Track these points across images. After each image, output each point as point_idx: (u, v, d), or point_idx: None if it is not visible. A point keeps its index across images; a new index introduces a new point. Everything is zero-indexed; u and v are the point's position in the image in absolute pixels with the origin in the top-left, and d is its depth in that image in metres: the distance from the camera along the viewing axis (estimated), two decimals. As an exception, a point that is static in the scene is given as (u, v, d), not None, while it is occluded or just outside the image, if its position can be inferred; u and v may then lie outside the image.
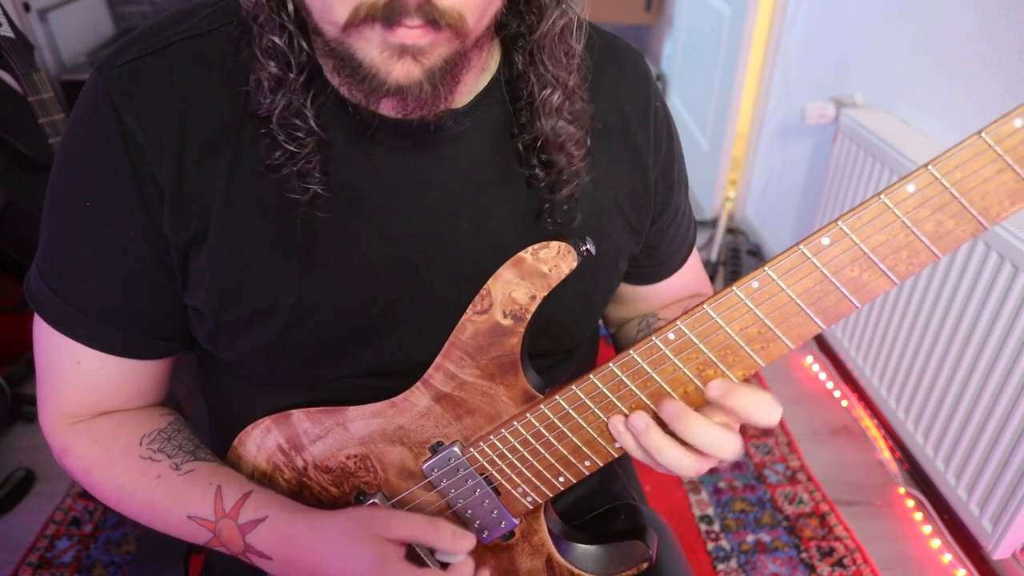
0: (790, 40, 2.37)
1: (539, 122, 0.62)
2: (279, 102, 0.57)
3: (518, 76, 0.63)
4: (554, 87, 0.61)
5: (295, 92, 0.57)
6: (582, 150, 0.64)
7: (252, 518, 0.66)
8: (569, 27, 0.60)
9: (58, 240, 0.64)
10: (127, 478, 0.68)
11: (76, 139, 0.61)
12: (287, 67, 0.56)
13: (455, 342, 0.62)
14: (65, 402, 0.69)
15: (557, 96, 0.62)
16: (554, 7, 0.59)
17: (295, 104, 0.57)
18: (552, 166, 0.64)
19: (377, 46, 0.50)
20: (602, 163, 0.69)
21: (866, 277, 0.49)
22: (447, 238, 0.65)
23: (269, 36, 0.55)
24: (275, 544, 0.65)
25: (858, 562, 1.59)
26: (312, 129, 0.58)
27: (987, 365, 1.42)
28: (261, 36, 0.56)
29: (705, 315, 0.53)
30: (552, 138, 0.62)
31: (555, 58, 0.61)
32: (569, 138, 0.63)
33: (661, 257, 0.81)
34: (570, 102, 0.63)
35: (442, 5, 0.48)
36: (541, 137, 0.63)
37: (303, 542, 0.64)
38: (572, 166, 0.64)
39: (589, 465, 0.64)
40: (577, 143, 0.64)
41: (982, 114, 1.52)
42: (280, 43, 0.55)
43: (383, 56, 0.50)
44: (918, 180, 0.45)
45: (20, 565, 1.58)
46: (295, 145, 0.58)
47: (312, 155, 0.58)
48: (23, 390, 2.00)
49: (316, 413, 0.68)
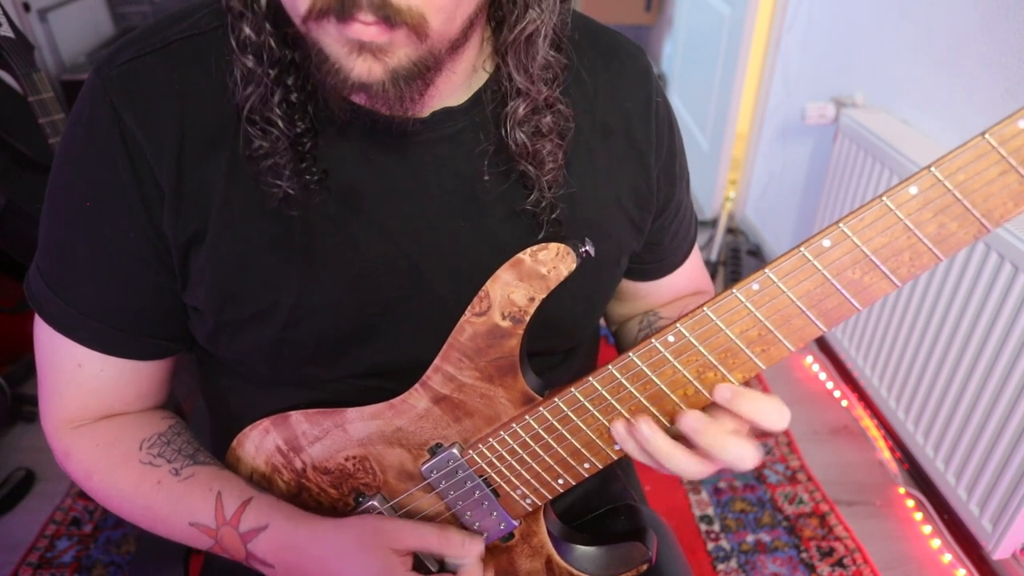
0: (790, 40, 2.37)
1: (504, 129, 0.61)
2: (252, 96, 0.56)
3: (500, 79, 0.62)
4: (520, 97, 0.60)
5: (266, 86, 0.56)
6: (554, 163, 0.63)
7: (253, 526, 0.65)
8: (537, 35, 0.57)
9: (58, 240, 0.64)
10: (128, 483, 0.68)
11: (75, 139, 0.61)
12: (259, 60, 0.55)
13: (454, 344, 0.62)
14: (67, 405, 0.68)
15: (522, 108, 0.60)
16: (522, 11, 0.57)
17: (267, 98, 0.56)
18: (529, 171, 0.63)
19: (336, 40, 0.49)
20: (603, 161, 0.68)
21: (868, 279, 0.49)
22: (445, 236, 0.65)
23: (243, 28, 0.55)
24: (277, 553, 0.65)
25: (858, 562, 1.59)
26: (281, 128, 0.57)
27: (987, 365, 1.42)
28: (239, 29, 0.55)
29: (705, 317, 0.53)
30: (516, 149, 0.61)
31: (521, 67, 0.59)
32: (536, 153, 0.62)
33: (663, 253, 0.81)
34: (538, 115, 0.61)
35: (398, 3, 0.47)
36: (511, 144, 0.62)
37: (308, 551, 0.64)
38: (540, 178, 0.63)
39: (588, 467, 0.63)
40: (550, 157, 0.62)
41: (982, 114, 1.52)
42: (251, 34, 0.55)
43: (343, 51, 0.49)
44: (920, 182, 0.45)
45: (20, 565, 1.58)
46: (266, 140, 0.57)
47: (284, 152, 0.58)
48: (23, 390, 2.00)
49: (315, 415, 0.68)
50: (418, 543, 0.64)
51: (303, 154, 0.59)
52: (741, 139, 2.83)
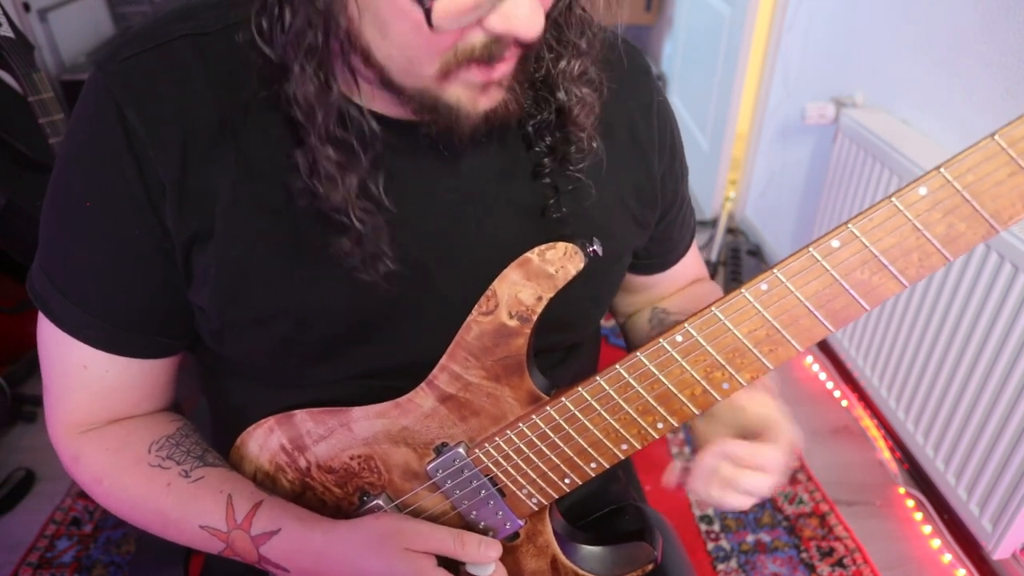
0: (790, 40, 2.37)
1: (559, 93, 0.62)
2: (339, 191, 0.55)
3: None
4: (574, 55, 0.61)
5: (360, 177, 0.56)
6: (592, 118, 0.64)
7: (265, 530, 0.65)
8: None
9: (61, 238, 0.63)
10: (137, 487, 0.67)
11: (78, 135, 0.61)
12: (351, 152, 0.55)
13: (460, 343, 0.62)
14: (74, 410, 0.68)
15: (578, 65, 0.61)
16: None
17: (356, 189, 0.56)
18: (564, 144, 0.64)
19: (466, 87, 0.51)
20: (607, 160, 0.69)
21: (876, 280, 0.49)
22: (453, 236, 0.65)
23: (330, 124, 0.53)
24: (291, 556, 0.65)
25: (858, 562, 1.59)
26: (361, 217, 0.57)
27: (987, 365, 1.42)
28: (326, 122, 0.53)
29: (713, 317, 0.53)
30: (569, 108, 0.62)
31: (572, 26, 0.60)
32: (584, 107, 0.62)
33: (668, 246, 0.83)
34: (587, 71, 0.62)
35: (530, 38, 0.48)
36: (558, 110, 0.62)
37: (325, 554, 0.64)
38: (583, 139, 0.63)
39: (595, 467, 0.64)
40: (590, 110, 0.63)
41: (982, 114, 1.52)
42: (342, 134, 0.54)
43: (471, 94, 0.52)
44: (930, 182, 0.45)
45: (20, 565, 1.58)
46: (347, 236, 0.58)
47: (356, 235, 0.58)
48: (23, 390, 2.00)
49: (319, 413, 0.68)
50: (435, 546, 0.64)
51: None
52: (741, 139, 2.84)
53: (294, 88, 0.52)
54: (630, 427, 0.60)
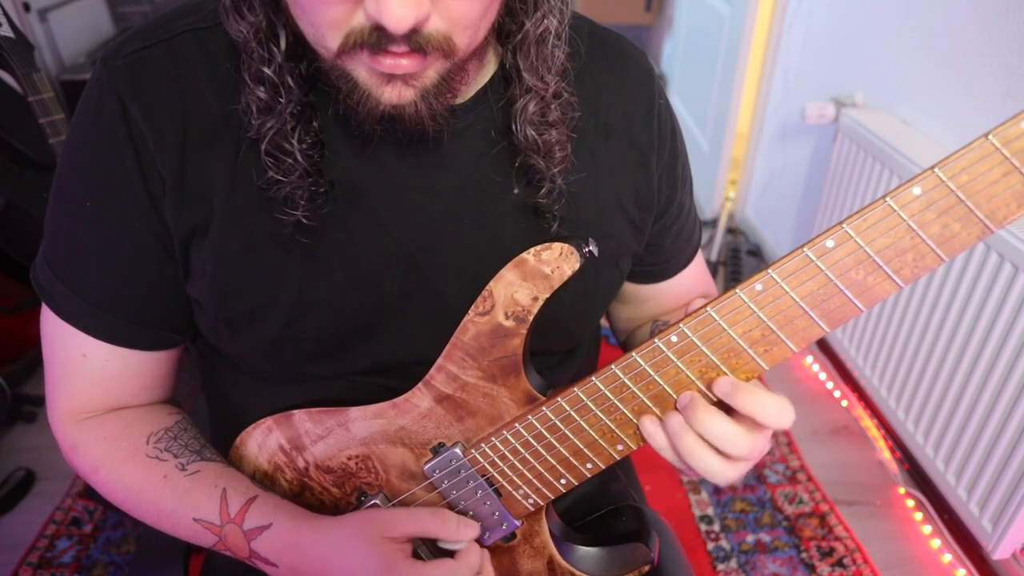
0: (790, 40, 2.37)
1: (515, 126, 0.62)
2: (268, 129, 0.57)
3: (505, 75, 0.63)
4: (530, 94, 0.61)
5: (285, 121, 0.57)
6: (563, 152, 0.64)
7: (257, 524, 0.65)
8: (548, 33, 0.59)
9: (64, 229, 0.64)
10: (134, 477, 0.68)
11: (82, 128, 0.61)
12: (276, 94, 0.56)
13: (457, 343, 0.62)
14: (72, 397, 0.69)
15: (533, 105, 0.61)
16: (531, 10, 0.58)
17: (284, 131, 0.57)
18: (538, 164, 0.64)
19: (366, 71, 0.51)
20: (605, 162, 0.69)
21: (871, 280, 0.49)
22: (448, 234, 0.65)
23: (258, 65, 0.56)
24: (280, 551, 0.65)
25: (858, 562, 1.59)
26: (298, 161, 0.58)
27: (987, 365, 1.42)
28: (250, 64, 0.56)
29: (708, 317, 0.53)
30: (527, 144, 0.62)
31: (531, 67, 0.60)
32: (545, 144, 0.62)
33: (665, 255, 0.81)
34: (546, 111, 0.62)
35: (427, 31, 0.49)
36: (519, 141, 0.62)
37: (309, 550, 0.64)
38: (549, 168, 0.63)
39: (591, 467, 0.64)
40: (558, 145, 0.63)
41: (982, 114, 1.52)
42: (269, 73, 0.55)
43: (373, 79, 0.51)
44: (924, 183, 0.45)
45: (20, 565, 1.58)
46: (281, 173, 0.58)
47: (299, 182, 0.58)
48: (23, 390, 2.00)
49: (317, 413, 0.68)
50: (413, 528, 0.64)
51: (314, 173, 0.60)
52: (741, 139, 2.83)
53: (238, 27, 0.55)
54: (626, 427, 0.60)
